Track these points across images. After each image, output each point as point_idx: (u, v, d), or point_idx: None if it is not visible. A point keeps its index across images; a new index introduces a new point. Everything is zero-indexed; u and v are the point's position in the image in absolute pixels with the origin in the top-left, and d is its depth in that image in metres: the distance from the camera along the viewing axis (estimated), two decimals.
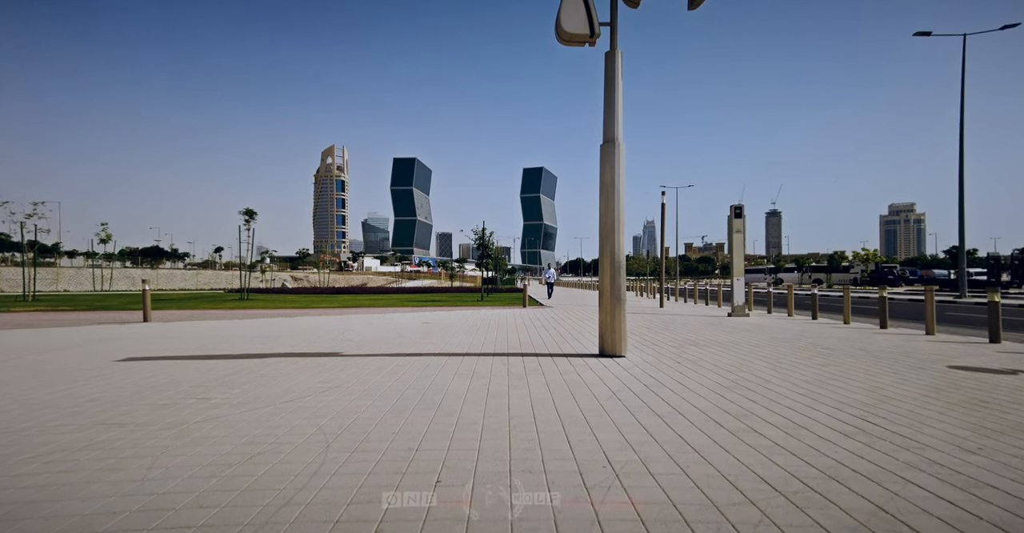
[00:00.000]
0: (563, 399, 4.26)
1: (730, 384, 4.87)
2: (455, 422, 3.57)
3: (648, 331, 9.62)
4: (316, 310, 15.81)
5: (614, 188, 6.59)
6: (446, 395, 4.39)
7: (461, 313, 14.38)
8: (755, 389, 4.64)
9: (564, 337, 8.75)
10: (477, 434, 3.29)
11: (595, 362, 6.15)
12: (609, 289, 6.58)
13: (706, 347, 7.50)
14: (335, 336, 8.78)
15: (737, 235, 14.28)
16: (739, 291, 14.09)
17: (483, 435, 3.27)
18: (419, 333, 9.22)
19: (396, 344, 7.72)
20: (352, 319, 12.31)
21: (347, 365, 5.89)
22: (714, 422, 3.57)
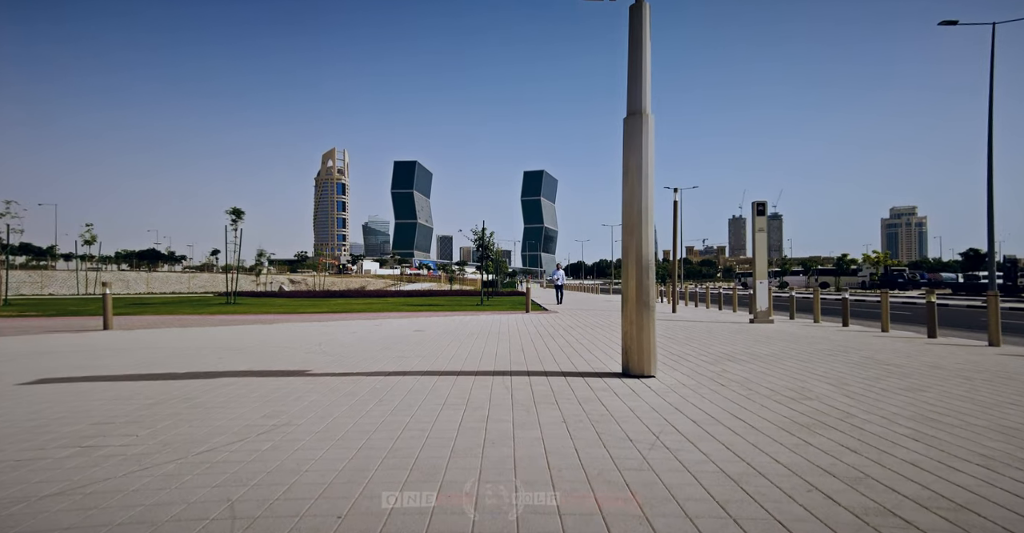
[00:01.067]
0: (589, 448, 3.07)
1: (804, 420, 3.68)
2: (435, 495, 2.39)
3: (671, 341, 8.43)
4: (303, 315, 14.64)
5: (641, 171, 5.42)
6: (428, 440, 3.21)
7: (459, 319, 13.21)
8: (842, 429, 3.45)
9: (576, 349, 7.57)
10: (468, 525, 2.11)
11: (619, 385, 4.96)
12: (635, 294, 5.41)
13: (746, 362, 6.32)
14: (310, 348, 7.60)
15: (760, 234, 13.11)
16: (762, 295, 12.91)
17: (476, 529, 2.09)
18: (408, 344, 8.03)
19: (379, 359, 6.55)
20: (338, 326, 11.13)
21: (310, 389, 4.71)
22: (822, 494, 2.38)
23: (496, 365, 6.09)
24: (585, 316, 14.77)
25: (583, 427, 3.50)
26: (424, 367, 5.94)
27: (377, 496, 2.36)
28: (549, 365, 6.11)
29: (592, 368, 5.93)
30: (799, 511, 2.21)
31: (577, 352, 7.24)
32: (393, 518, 2.14)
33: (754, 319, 12.82)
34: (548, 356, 6.84)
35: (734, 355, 6.97)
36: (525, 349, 7.51)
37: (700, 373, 5.60)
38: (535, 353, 7.11)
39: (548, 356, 6.84)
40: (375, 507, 2.24)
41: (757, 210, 13.15)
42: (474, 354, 6.98)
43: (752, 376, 5.43)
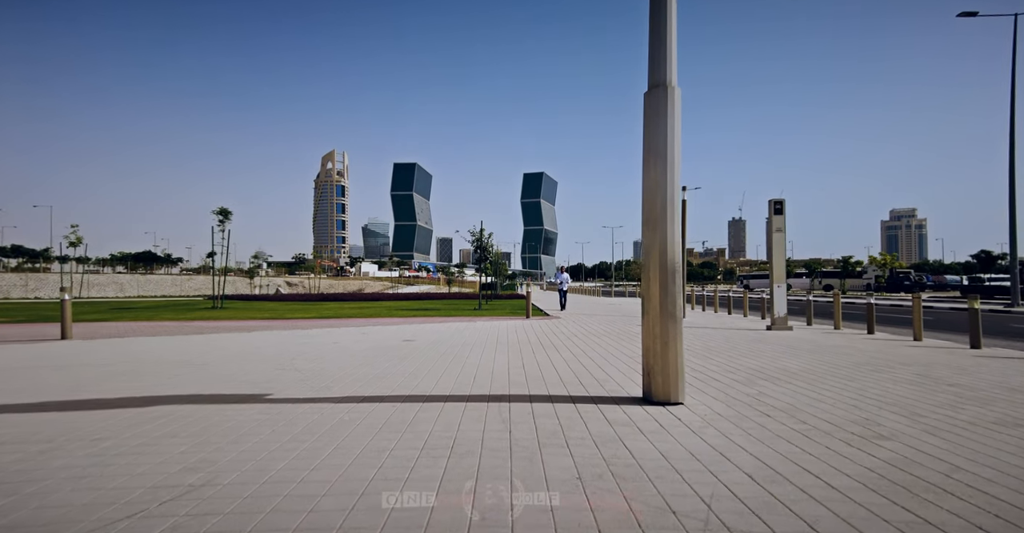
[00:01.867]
0: (619, 531, 2.16)
1: (900, 476, 2.76)
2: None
3: (689, 354, 7.51)
4: (288, 322, 13.72)
5: (668, 153, 4.52)
6: (391, 517, 2.29)
7: (454, 326, 12.29)
8: (963, 495, 2.53)
9: (584, 364, 6.65)
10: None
11: (642, 416, 4.05)
12: (658, 303, 4.49)
13: (783, 382, 5.40)
14: (281, 363, 6.68)
15: (778, 234, 12.20)
16: (780, 300, 12.00)
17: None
18: (393, 358, 7.12)
19: (356, 377, 5.63)
20: (321, 335, 10.21)
21: (259, 423, 3.79)
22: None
23: (492, 386, 5.17)
24: (590, 322, 13.86)
25: (606, 489, 2.59)
26: (407, 389, 5.02)
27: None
28: (555, 386, 5.19)
29: (606, 390, 5.01)
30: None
31: (586, 368, 6.33)
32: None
33: (772, 326, 11.91)
34: (553, 373, 5.93)
35: (765, 372, 6.06)
36: (526, 364, 6.59)
37: (734, 398, 4.69)
38: (537, 369, 6.19)
39: (553, 373, 5.93)
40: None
41: (774, 208, 12.25)
42: (468, 371, 6.07)
43: (797, 401, 4.51)
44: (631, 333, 10.72)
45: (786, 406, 4.35)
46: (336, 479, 2.73)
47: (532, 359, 7.01)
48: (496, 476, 2.76)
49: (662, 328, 4.47)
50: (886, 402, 4.49)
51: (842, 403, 4.46)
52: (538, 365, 6.50)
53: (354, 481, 2.70)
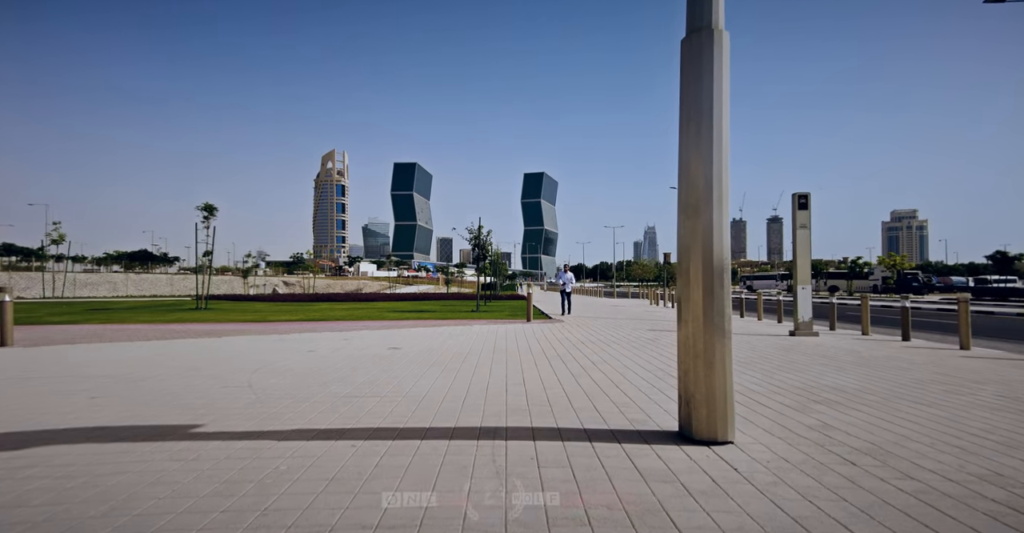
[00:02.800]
0: None
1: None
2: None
3: None
4: (270, 325, 12.68)
5: (714, 115, 3.48)
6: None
7: (449, 330, 11.24)
8: None
9: (597, 380, 5.60)
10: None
11: (686, 465, 3.00)
12: (700, 311, 3.45)
13: (848, 408, 4.35)
14: (235, 378, 5.64)
15: (802, 231, 11.16)
16: (805, 303, 10.95)
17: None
18: (371, 371, 6.07)
19: (317, 400, 4.58)
20: (299, 341, 9.17)
21: (156, 481, 2.74)
22: None
23: (486, 413, 4.12)
24: (596, 327, 12.80)
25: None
26: (378, 418, 3.97)
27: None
28: (564, 413, 4.15)
29: (628, 420, 3.96)
30: None
31: (599, 386, 5.27)
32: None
33: (795, 331, 10.86)
34: (560, 394, 4.88)
35: (816, 392, 5.01)
36: (528, 380, 5.54)
37: (794, 432, 3.64)
38: (541, 388, 5.14)
39: (560, 394, 4.88)
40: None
41: (799, 203, 11.20)
42: (457, 390, 5.02)
43: (880, 438, 3.47)
44: (644, 340, 9.67)
45: (869, 447, 3.31)
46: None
47: (534, 373, 5.97)
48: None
49: (706, 345, 3.42)
50: (997, 440, 3.45)
51: (941, 442, 3.41)
52: (541, 382, 5.45)
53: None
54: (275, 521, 2.25)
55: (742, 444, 3.38)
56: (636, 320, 15.12)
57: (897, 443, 3.39)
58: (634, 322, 14.27)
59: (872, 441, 3.43)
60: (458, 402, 4.52)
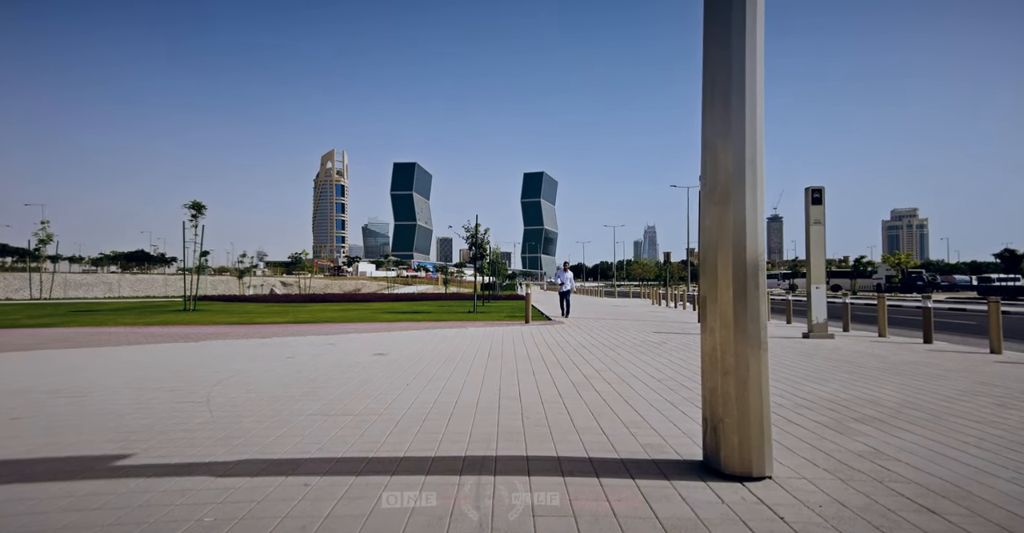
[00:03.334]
0: None
1: None
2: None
3: None
4: (255, 328, 12.07)
5: (746, 82, 2.87)
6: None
7: (442, 333, 10.64)
8: None
9: (602, 392, 4.99)
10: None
11: (719, 511, 2.38)
12: (731, 318, 2.85)
13: (897, 429, 3.74)
14: (194, 392, 5.03)
15: (816, 226, 10.56)
16: (820, 304, 10.34)
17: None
18: (349, 383, 5.46)
19: (278, 421, 3.98)
20: (279, 347, 8.56)
21: (51, 529, 2.14)
22: None
23: (472, 437, 3.51)
24: (598, 329, 12.19)
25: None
26: (343, 444, 3.36)
27: None
28: (564, 436, 3.54)
29: (641, 445, 3.35)
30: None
31: (604, 400, 4.66)
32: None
33: (809, 333, 10.26)
34: (560, 410, 4.27)
35: (852, 407, 4.40)
36: (524, 393, 4.93)
37: (844, 463, 3.03)
38: (539, 402, 4.53)
39: (560, 410, 4.27)
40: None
41: (812, 197, 10.60)
42: (443, 405, 4.41)
43: (950, 473, 2.86)
44: (650, 344, 9.06)
45: (941, 485, 2.70)
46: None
47: (531, 384, 5.36)
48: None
49: (738, 358, 2.82)
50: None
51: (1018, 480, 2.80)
52: (539, 395, 4.84)
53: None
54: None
55: (782, 480, 2.77)
56: (639, 321, 14.52)
57: (973, 478, 2.78)
58: (637, 324, 13.66)
59: (941, 476, 2.82)
60: (442, 421, 3.91)
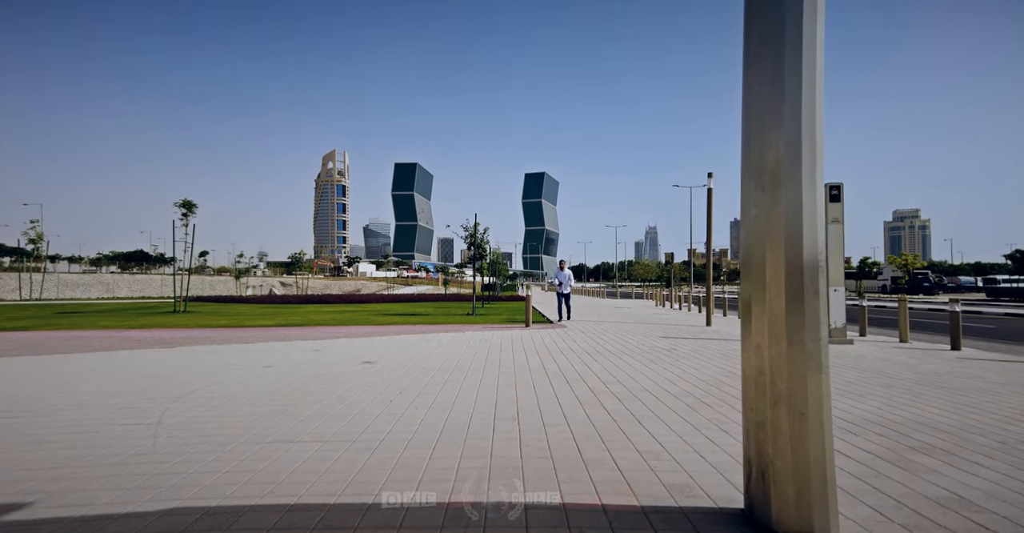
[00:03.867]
0: None
1: None
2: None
3: None
4: (243, 330, 11.48)
5: (803, 40, 2.26)
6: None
7: (437, 338, 10.03)
8: None
9: (612, 412, 4.38)
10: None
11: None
12: (784, 332, 2.23)
13: (975, 464, 3.12)
14: (149, 411, 4.43)
15: (834, 225, 9.93)
16: (838, 307, 9.72)
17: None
18: (326, 400, 4.86)
19: (234, 452, 3.37)
20: (259, 353, 7.96)
21: None
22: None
23: (458, 476, 2.90)
24: (603, 333, 11.58)
25: None
26: (300, 485, 2.75)
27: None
28: (570, 472, 2.92)
29: (665, 486, 2.74)
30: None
31: (616, 421, 4.05)
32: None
33: (828, 338, 9.63)
34: (565, 435, 3.65)
35: (905, 432, 3.78)
36: (523, 412, 4.32)
37: (928, 518, 2.41)
38: (539, 427, 3.92)
39: (565, 435, 3.65)
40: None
41: (830, 195, 9.98)
42: (427, 431, 3.80)
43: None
44: (659, 351, 8.45)
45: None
46: None
47: (531, 400, 4.74)
48: None
49: (793, 383, 2.20)
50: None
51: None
52: (540, 415, 4.23)
53: None
54: None
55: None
56: (645, 324, 13.90)
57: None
58: (643, 327, 13.04)
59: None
60: (425, 451, 3.30)
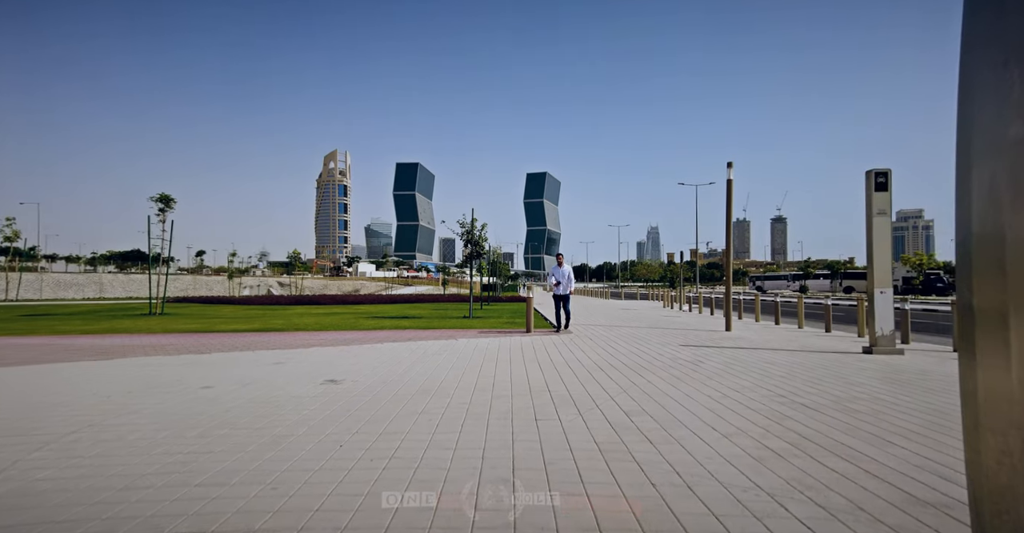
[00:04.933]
0: None
1: None
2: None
3: (835, 429, 3.96)
4: (208, 337, 10.28)
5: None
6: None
7: (424, 347, 8.80)
8: None
9: (646, 466, 3.13)
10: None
11: None
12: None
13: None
14: (6, 455, 3.20)
15: (880, 218, 8.66)
16: (885, 312, 8.45)
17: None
18: (251, 446, 3.62)
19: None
20: (212, 365, 6.75)
21: None
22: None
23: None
24: (613, 340, 10.32)
25: None
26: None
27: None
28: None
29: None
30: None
31: (657, 490, 2.80)
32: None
33: (873, 347, 8.38)
34: (582, 507, 2.41)
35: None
36: (520, 471, 3.07)
37: None
38: (547, 507, 2.67)
39: (582, 507, 2.41)
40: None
41: (876, 182, 8.70)
42: (371, 509, 2.57)
43: None
44: (683, 364, 7.19)
45: None
46: None
47: (533, 446, 3.50)
48: None
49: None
50: None
51: None
52: (546, 474, 2.98)
53: None
54: None
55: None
56: (657, 329, 12.65)
57: None
58: (657, 333, 11.79)
59: None
60: (376, 526, 2.07)
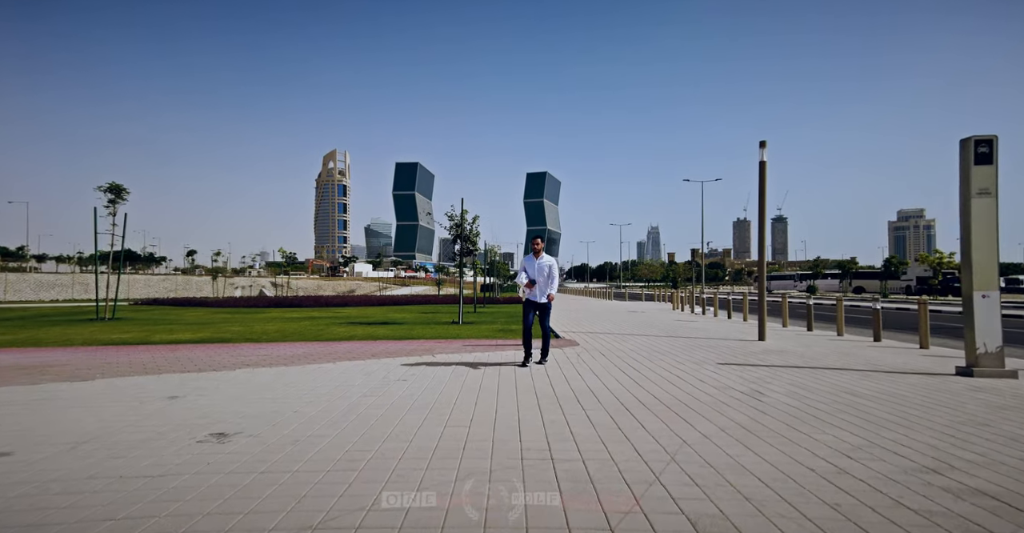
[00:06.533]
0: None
1: None
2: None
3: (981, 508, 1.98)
4: (126, 351, 8.30)
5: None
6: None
7: (387, 368, 6.79)
8: None
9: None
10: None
11: None
12: None
13: None
14: None
15: (983, 200, 6.63)
16: (990, 322, 6.44)
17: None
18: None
19: None
20: (69, 405, 4.76)
21: None
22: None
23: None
24: (632, 356, 8.28)
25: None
26: None
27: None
28: None
29: None
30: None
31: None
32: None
33: (973, 366, 6.38)
34: None
35: None
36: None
37: None
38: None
39: None
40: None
41: (976, 154, 6.68)
42: None
43: None
44: (738, 398, 5.17)
45: None
46: None
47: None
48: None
49: None
50: None
51: None
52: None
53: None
54: None
55: None
56: (677, 338, 10.64)
57: None
58: (681, 344, 9.76)
59: None
60: None
